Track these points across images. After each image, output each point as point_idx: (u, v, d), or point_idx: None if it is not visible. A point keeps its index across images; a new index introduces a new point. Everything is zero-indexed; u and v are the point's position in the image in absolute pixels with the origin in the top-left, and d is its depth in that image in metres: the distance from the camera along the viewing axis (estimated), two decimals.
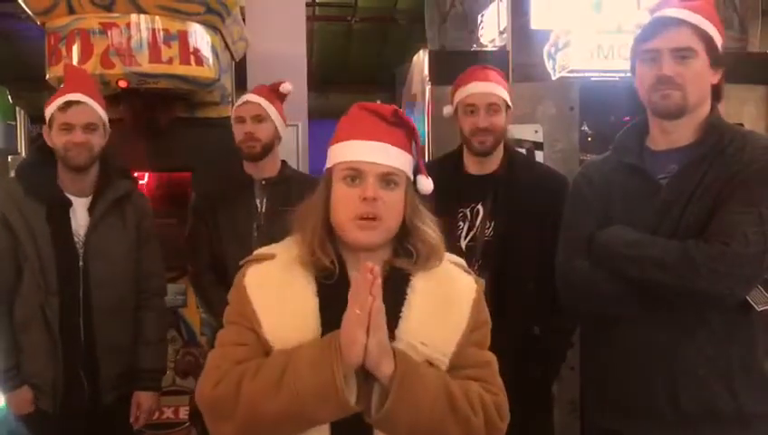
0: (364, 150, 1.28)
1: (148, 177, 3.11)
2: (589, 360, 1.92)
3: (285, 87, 2.56)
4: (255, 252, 1.39)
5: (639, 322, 1.67)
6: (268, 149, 2.50)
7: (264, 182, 2.52)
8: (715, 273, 1.53)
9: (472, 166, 2.33)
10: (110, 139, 2.30)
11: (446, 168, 2.38)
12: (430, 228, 1.34)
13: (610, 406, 1.76)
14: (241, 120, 2.50)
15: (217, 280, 2.45)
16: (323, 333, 1.24)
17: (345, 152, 1.30)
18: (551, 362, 2.32)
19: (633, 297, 1.65)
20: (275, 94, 2.55)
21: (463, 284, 1.36)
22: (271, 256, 1.35)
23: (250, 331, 1.30)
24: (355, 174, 1.27)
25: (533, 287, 2.18)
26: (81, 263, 2.21)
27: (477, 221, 2.25)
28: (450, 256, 1.39)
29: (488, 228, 2.24)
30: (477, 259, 2.21)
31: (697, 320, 1.62)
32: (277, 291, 1.31)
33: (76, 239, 2.22)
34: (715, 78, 1.67)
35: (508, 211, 2.23)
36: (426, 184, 1.37)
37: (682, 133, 1.69)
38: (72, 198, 2.23)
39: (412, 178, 1.35)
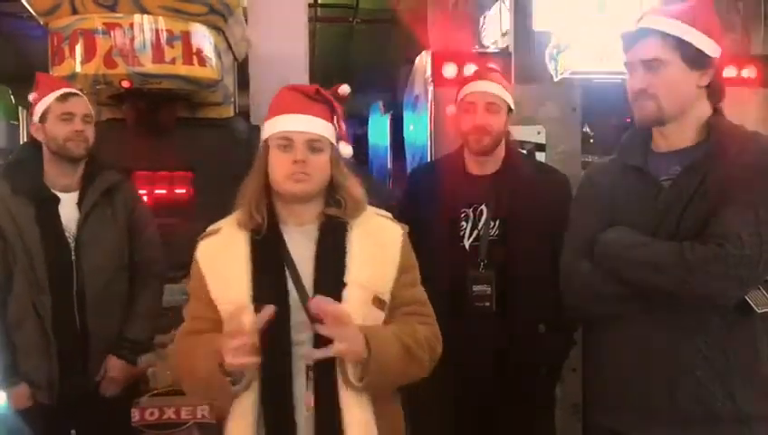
0: (293, 122, 1.51)
1: (150, 177, 3.11)
2: (589, 360, 1.92)
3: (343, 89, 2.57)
4: (207, 229, 1.62)
5: (639, 322, 1.67)
6: None
7: None
8: (708, 275, 1.53)
9: (473, 166, 2.33)
10: (113, 138, 2.32)
11: (447, 168, 2.39)
12: (354, 185, 1.58)
13: (610, 406, 1.76)
14: None
15: None
16: (254, 285, 1.48)
17: (277, 125, 1.53)
18: (554, 360, 2.33)
19: (633, 298, 1.65)
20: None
21: (391, 230, 1.60)
22: (218, 230, 1.59)
23: (203, 301, 1.54)
24: (287, 142, 1.50)
25: (538, 286, 2.19)
26: (73, 258, 2.24)
27: (481, 221, 2.25)
28: (376, 210, 1.62)
29: (492, 228, 2.25)
30: (482, 259, 2.22)
31: (697, 321, 1.62)
32: (218, 254, 1.55)
33: (67, 234, 2.24)
34: (702, 80, 1.65)
35: (512, 211, 2.24)
36: (345, 149, 1.59)
37: (681, 136, 1.69)
38: (59, 194, 2.26)
39: (336, 143, 1.57)
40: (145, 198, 2.83)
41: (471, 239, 2.26)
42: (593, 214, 1.76)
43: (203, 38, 2.76)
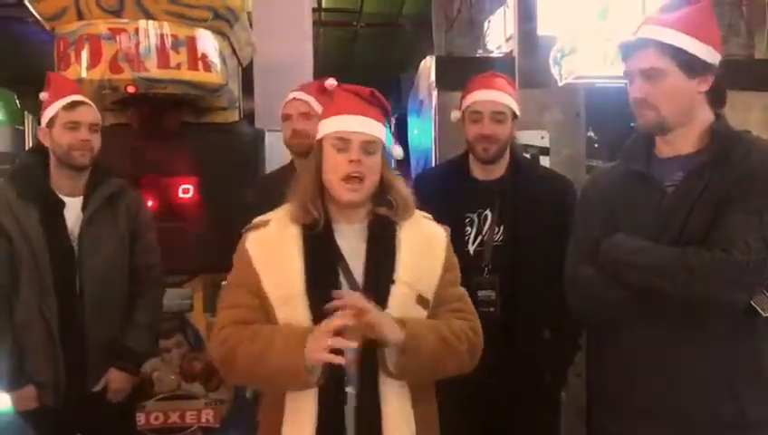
0: (350, 122, 1.55)
1: (155, 181, 3.12)
2: (593, 363, 1.92)
3: (330, 82, 2.57)
4: (254, 220, 1.63)
5: (642, 326, 1.67)
6: None
7: None
8: (713, 280, 1.53)
9: (478, 171, 2.33)
10: (118, 143, 2.32)
11: (451, 173, 2.39)
12: (403, 187, 1.63)
13: (614, 409, 1.77)
14: (288, 117, 2.50)
15: None
16: (307, 278, 1.51)
17: (334, 124, 1.56)
18: (559, 365, 2.33)
19: (636, 303, 1.65)
20: (324, 92, 2.56)
21: (436, 231, 1.67)
22: (266, 222, 1.61)
23: (250, 292, 1.55)
24: (342, 143, 1.54)
25: (543, 290, 2.19)
26: (76, 261, 2.25)
27: (486, 226, 2.26)
28: (420, 212, 1.67)
29: (497, 233, 2.25)
30: (487, 264, 2.22)
31: (700, 325, 1.62)
32: (271, 247, 1.57)
33: (72, 238, 2.26)
34: (701, 86, 1.65)
35: (517, 215, 2.24)
36: (397, 151, 1.68)
37: (684, 141, 1.69)
38: (65, 198, 2.27)
39: (387, 145, 1.60)
40: (150, 203, 2.84)
41: (475, 244, 2.26)
42: (597, 219, 1.77)
43: (208, 43, 2.76)
